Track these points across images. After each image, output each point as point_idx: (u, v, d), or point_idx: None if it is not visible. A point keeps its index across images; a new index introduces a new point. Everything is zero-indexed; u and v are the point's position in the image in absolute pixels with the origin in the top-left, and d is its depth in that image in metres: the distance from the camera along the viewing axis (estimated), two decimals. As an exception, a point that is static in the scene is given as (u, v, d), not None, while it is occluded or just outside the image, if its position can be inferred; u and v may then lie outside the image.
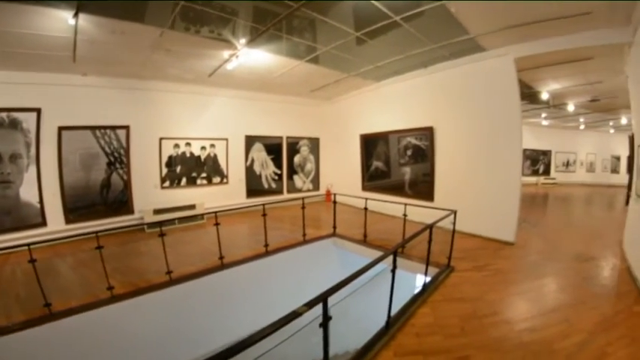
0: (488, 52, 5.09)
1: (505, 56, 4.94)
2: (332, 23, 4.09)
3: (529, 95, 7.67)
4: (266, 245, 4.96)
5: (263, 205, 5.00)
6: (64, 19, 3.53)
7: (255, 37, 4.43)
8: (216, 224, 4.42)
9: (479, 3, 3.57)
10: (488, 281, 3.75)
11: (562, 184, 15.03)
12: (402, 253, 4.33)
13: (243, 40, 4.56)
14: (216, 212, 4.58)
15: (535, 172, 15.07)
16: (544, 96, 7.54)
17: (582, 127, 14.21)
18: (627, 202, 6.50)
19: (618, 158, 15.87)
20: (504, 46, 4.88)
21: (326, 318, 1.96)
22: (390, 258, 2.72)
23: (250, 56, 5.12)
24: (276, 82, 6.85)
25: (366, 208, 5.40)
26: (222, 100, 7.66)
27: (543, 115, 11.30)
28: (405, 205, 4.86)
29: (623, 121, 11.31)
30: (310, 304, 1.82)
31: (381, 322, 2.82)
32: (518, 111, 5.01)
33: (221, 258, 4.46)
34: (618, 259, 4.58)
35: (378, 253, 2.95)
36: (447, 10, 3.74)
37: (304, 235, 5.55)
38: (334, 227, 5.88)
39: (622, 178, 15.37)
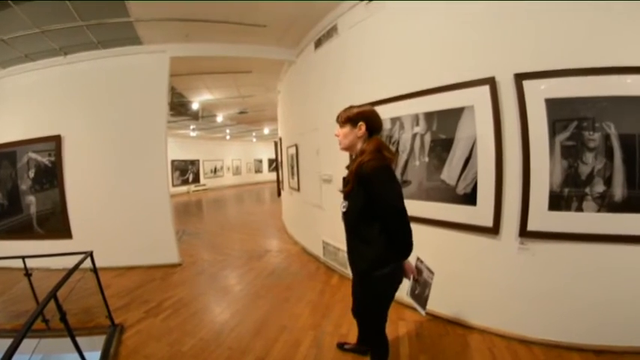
0: (144, 47, 4.22)
1: (161, 54, 4.28)
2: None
3: (180, 105, 7.64)
4: None
5: None
6: None
7: None
8: None
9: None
10: (172, 324, 2.76)
11: (213, 188, 16.76)
12: (51, 330, 2.45)
13: None
14: None
15: (185, 182, 15.58)
16: (195, 106, 7.83)
17: (228, 137, 16.90)
18: (279, 194, 7.69)
19: (260, 161, 21.10)
20: (164, 42, 4.23)
21: None
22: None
23: None
24: None
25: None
26: None
27: (192, 126, 11.92)
28: (23, 258, 2.79)
29: (266, 131, 14.45)
30: None
31: None
32: (164, 118, 4.51)
33: None
34: (290, 244, 5.03)
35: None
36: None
37: None
38: None
39: (265, 176, 20.57)
